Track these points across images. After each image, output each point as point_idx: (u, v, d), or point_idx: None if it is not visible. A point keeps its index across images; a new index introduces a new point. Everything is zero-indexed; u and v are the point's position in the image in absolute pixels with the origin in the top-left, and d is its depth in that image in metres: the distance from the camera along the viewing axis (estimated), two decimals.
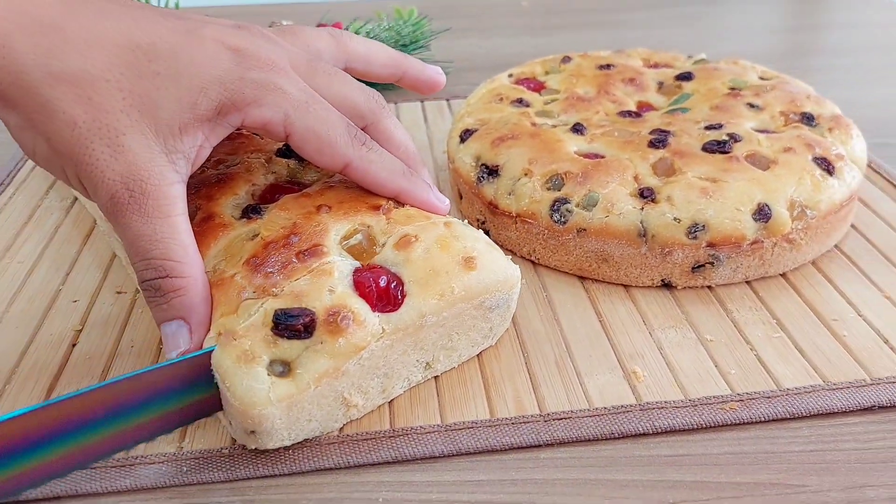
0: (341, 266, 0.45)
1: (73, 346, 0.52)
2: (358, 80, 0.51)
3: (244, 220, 0.48)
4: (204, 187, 0.51)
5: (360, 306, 0.43)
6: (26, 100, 0.42)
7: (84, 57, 0.43)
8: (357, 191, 0.50)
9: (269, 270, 0.44)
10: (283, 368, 0.42)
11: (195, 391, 0.43)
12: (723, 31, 1.14)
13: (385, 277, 0.45)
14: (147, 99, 0.43)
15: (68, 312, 0.55)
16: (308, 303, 0.42)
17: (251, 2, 1.19)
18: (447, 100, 0.86)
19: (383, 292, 0.44)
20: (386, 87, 0.87)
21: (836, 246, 0.60)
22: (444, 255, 0.46)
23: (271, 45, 0.48)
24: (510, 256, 0.50)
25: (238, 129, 0.47)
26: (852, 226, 0.62)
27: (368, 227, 0.47)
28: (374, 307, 0.44)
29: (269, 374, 0.41)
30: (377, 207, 0.49)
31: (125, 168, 0.43)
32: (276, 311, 0.42)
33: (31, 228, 0.65)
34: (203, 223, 0.48)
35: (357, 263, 0.46)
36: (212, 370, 0.42)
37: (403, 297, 0.44)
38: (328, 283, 0.43)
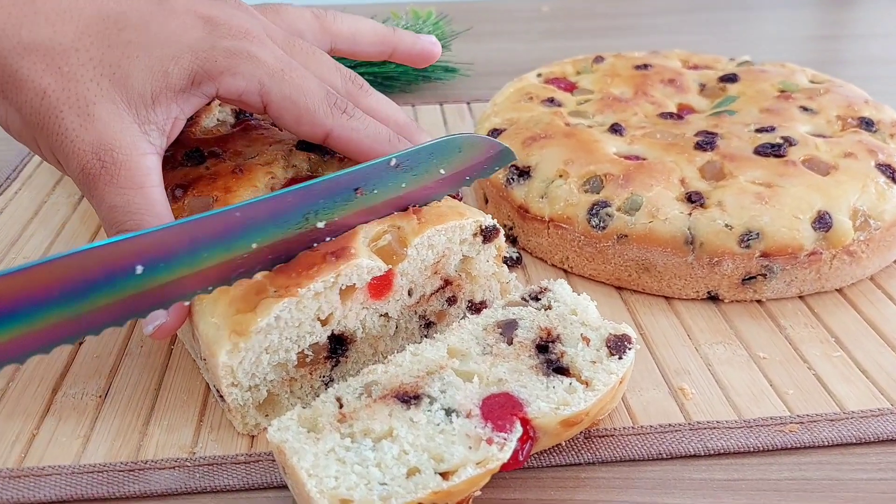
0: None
1: (80, 345, 0.51)
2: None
3: None
4: (221, 178, 0.49)
5: None
6: None
7: (54, 27, 0.44)
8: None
9: (295, 272, 0.42)
10: None
11: None
12: (756, 38, 1.14)
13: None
14: (118, 68, 0.44)
15: None
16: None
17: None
18: (468, 103, 0.85)
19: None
20: (401, 88, 0.87)
21: (895, 262, 0.58)
22: None
23: (246, 15, 0.48)
24: (540, 265, 0.48)
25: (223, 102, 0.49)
26: None
27: (398, 227, 0.46)
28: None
29: None
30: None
31: (95, 138, 0.43)
32: None
33: (37, 224, 0.64)
34: None
35: (386, 266, 0.44)
36: None
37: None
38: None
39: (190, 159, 0.51)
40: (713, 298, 0.54)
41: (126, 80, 0.44)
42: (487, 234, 0.48)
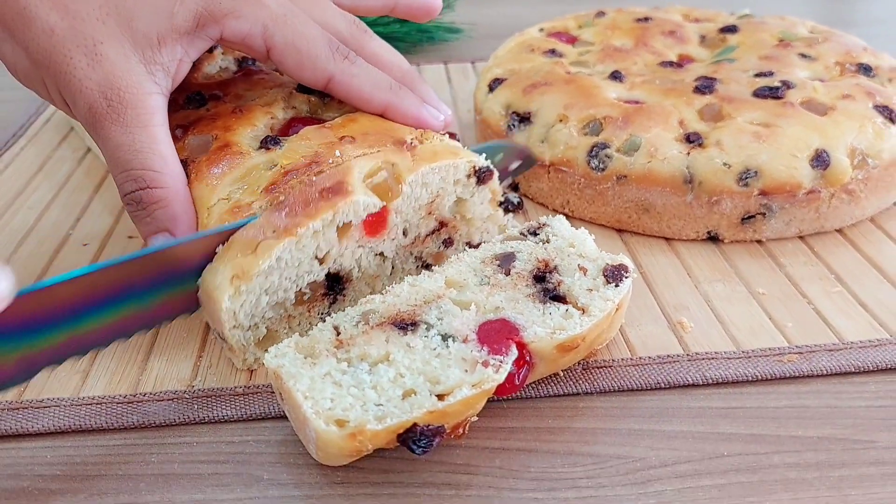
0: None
1: None
2: None
3: (262, 150, 0.47)
4: (221, 118, 0.49)
5: None
6: (4, 8, 0.43)
7: None
8: (381, 123, 0.48)
9: (290, 210, 0.42)
10: None
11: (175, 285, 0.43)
12: (762, 1, 1.13)
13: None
14: (123, 9, 0.44)
15: (78, 255, 0.54)
16: None
17: None
18: (472, 62, 0.85)
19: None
20: (406, 49, 0.87)
21: (895, 203, 0.58)
22: None
23: None
24: (542, 210, 0.49)
25: (226, 46, 0.49)
26: None
27: (393, 164, 0.46)
28: None
29: None
30: (402, 142, 0.47)
31: (103, 77, 0.43)
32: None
33: (42, 177, 0.65)
34: (219, 151, 0.47)
35: (381, 203, 0.44)
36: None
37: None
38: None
39: (191, 102, 0.51)
40: (713, 239, 0.54)
41: (132, 21, 0.44)
42: (481, 176, 0.48)
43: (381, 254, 0.48)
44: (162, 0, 0.45)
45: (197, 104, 0.51)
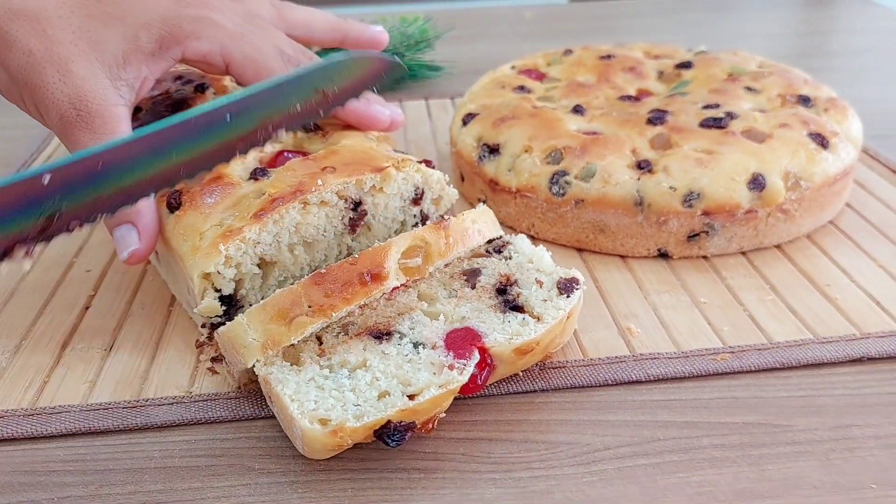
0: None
1: (87, 308, 0.59)
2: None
3: (252, 180, 0.55)
4: None
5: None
6: None
7: None
8: (360, 154, 0.56)
9: (330, 289, 0.48)
10: None
11: None
12: (724, 36, 1.23)
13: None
14: (94, 33, 0.53)
15: (82, 280, 0.62)
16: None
17: None
18: (451, 98, 0.94)
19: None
20: (392, 87, 0.96)
21: (831, 222, 0.66)
22: None
23: None
24: (510, 233, 0.56)
25: (184, 82, 0.58)
26: (848, 205, 0.68)
27: (427, 244, 0.52)
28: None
29: None
30: (380, 169, 0.55)
31: (72, 90, 0.52)
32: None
33: None
34: (212, 182, 0.54)
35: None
36: None
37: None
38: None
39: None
40: (663, 255, 0.62)
41: (101, 44, 0.53)
42: (498, 249, 0.56)
43: None
44: (129, 26, 0.53)
45: None
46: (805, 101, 0.69)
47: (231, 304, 0.52)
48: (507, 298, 0.51)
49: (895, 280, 0.59)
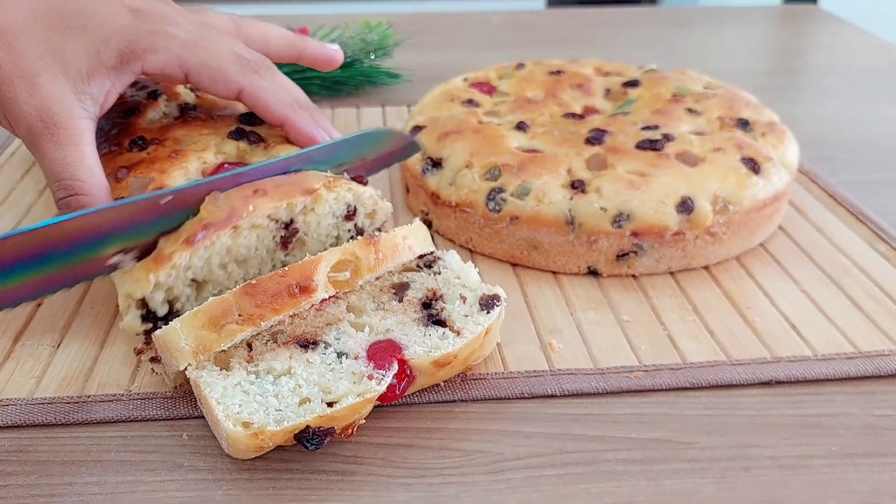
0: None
1: (39, 305, 0.64)
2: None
3: None
4: (158, 162, 0.62)
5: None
6: None
7: (6, 12, 0.58)
8: (292, 176, 0.61)
9: (260, 300, 0.52)
10: None
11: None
12: (686, 51, 1.29)
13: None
14: (59, 48, 0.58)
15: None
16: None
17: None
18: (408, 106, 0.99)
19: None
20: (348, 92, 1.01)
21: (761, 245, 0.71)
22: None
23: (167, 6, 0.63)
24: (450, 245, 0.61)
25: (139, 87, 0.65)
26: (781, 228, 0.74)
27: (357, 258, 0.56)
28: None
29: None
30: (311, 191, 0.59)
31: (40, 103, 0.57)
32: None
33: (5, 208, 0.78)
34: None
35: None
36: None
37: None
38: None
39: (134, 145, 0.64)
40: (594, 273, 0.68)
41: (66, 57, 0.58)
42: (428, 264, 0.60)
43: None
44: (90, 41, 0.59)
45: (139, 148, 0.64)
46: (744, 124, 0.74)
47: (160, 320, 0.57)
48: (431, 312, 0.56)
49: (814, 304, 0.64)
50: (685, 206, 0.66)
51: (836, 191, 0.81)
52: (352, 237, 0.64)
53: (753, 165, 0.69)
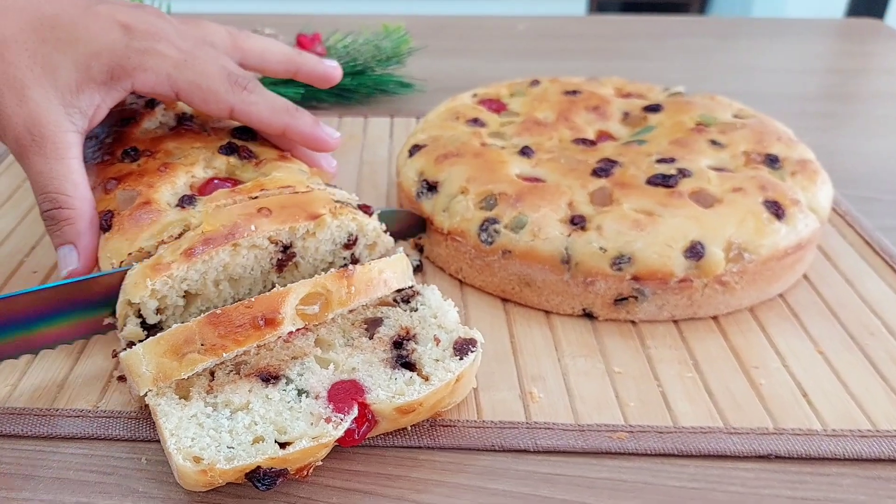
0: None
1: None
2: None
3: (178, 208, 0.58)
4: (147, 175, 0.61)
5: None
6: None
7: None
8: (298, 197, 0.59)
9: (224, 330, 0.51)
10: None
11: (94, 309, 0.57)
12: (728, 67, 1.23)
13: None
14: (49, 60, 0.58)
15: (27, 282, 0.68)
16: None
17: (238, 10, 1.33)
18: (417, 117, 0.96)
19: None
20: (357, 100, 0.99)
21: (780, 295, 0.67)
22: None
23: (161, 21, 0.62)
24: (440, 274, 0.58)
25: (138, 96, 0.64)
26: (805, 277, 0.69)
27: (328, 291, 0.55)
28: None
29: None
30: (316, 216, 0.58)
31: (28, 115, 0.57)
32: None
33: (10, 207, 0.79)
34: (140, 207, 0.58)
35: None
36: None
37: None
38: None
39: (126, 156, 0.63)
40: (589, 316, 0.64)
41: (55, 70, 0.58)
42: (406, 299, 0.58)
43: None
44: (81, 55, 0.58)
45: (131, 159, 0.63)
46: (772, 161, 0.70)
47: (153, 328, 0.56)
48: (401, 353, 0.53)
49: (830, 369, 0.60)
50: (694, 251, 0.62)
51: (873, 237, 0.75)
52: (346, 266, 0.61)
53: (777, 209, 0.65)
